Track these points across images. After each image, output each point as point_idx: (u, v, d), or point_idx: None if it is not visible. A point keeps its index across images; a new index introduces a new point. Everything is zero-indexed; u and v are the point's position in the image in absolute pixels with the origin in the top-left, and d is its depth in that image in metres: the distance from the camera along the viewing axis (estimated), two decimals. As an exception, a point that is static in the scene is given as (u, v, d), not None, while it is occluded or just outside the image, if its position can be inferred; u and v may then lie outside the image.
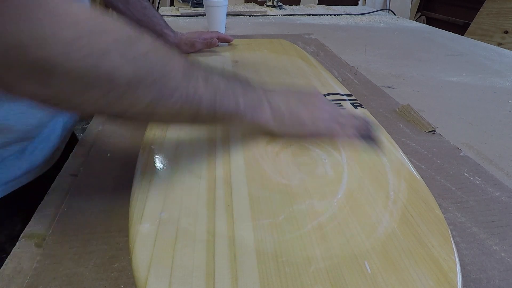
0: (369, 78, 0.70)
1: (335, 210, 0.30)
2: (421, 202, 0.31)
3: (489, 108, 0.59)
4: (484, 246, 0.31)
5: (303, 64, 0.67)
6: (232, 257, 0.25)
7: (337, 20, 1.28)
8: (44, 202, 0.34)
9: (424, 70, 0.76)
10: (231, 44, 0.80)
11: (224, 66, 0.65)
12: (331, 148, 0.38)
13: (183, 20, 1.18)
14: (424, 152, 0.45)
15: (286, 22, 1.23)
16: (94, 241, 0.30)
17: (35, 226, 0.31)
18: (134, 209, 0.29)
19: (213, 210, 0.29)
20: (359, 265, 0.25)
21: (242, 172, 0.34)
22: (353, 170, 0.35)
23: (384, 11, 1.53)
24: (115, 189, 0.36)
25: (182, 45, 0.72)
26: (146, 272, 0.24)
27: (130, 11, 0.65)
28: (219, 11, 0.93)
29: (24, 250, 0.29)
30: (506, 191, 0.38)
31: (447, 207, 0.35)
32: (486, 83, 0.70)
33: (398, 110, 0.55)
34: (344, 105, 0.50)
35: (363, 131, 0.40)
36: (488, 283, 0.28)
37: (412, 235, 0.27)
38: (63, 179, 0.38)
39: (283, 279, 0.24)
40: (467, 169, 0.42)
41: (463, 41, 1.04)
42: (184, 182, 0.32)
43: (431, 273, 0.24)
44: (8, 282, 0.26)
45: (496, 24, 1.61)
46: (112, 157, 0.41)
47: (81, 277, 0.27)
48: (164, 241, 0.26)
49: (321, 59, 0.80)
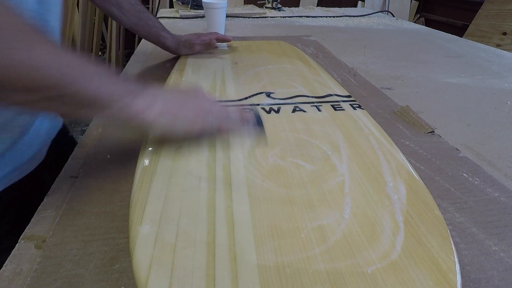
0: (368, 80, 0.70)
1: (335, 211, 0.30)
2: (420, 202, 0.31)
3: (487, 109, 0.59)
4: (483, 246, 0.31)
5: (302, 66, 0.67)
6: (232, 258, 0.25)
7: (336, 22, 1.28)
8: (44, 203, 0.34)
9: (423, 72, 0.76)
10: (231, 46, 0.80)
11: (223, 68, 0.65)
12: (331, 148, 0.38)
13: (182, 22, 1.18)
14: (423, 153, 0.45)
15: (285, 24, 1.23)
16: (94, 243, 0.30)
17: (35, 228, 0.31)
18: (134, 210, 0.29)
19: (213, 211, 0.29)
20: (359, 265, 0.25)
21: (242, 173, 0.34)
22: (352, 171, 0.35)
23: (383, 12, 1.53)
24: (115, 191, 0.36)
25: (180, 47, 0.72)
26: (147, 273, 0.24)
27: (125, 16, 0.65)
28: (219, 13, 0.93)
29: (24, 252, 0.29)
30: (505, 192, 0.38)
31: (446, 208, 0.35)
32: (484, 84, 0.70)
33: (397, 111, 0.55)
34: (343, 106, 0.50)
35: (247, 121, 0.41)
36: (487, 283, 0.28)
37: (412, 235, 0.28)
38: (63, 181, 0.38)
39: (283, 280, 0.24)
40: (466, 169, 0.42)
41: (462, 42, 1.04)
42: (184, 183, 0.33)
43: (431, 273, 0.24)
44: (8, 283, 0.26)
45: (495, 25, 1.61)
46: (112, 159, 0.41)
47: (81, 278, 0.27)
48: (164, 242, 0.26)
49: (320, 61, 0.80)
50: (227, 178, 0.33)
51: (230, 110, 0.41)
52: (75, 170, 0.39)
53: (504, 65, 0.83)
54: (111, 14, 0.65)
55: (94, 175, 0.39)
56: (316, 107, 0.49)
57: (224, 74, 0.62)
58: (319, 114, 0.48)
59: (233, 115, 0.41)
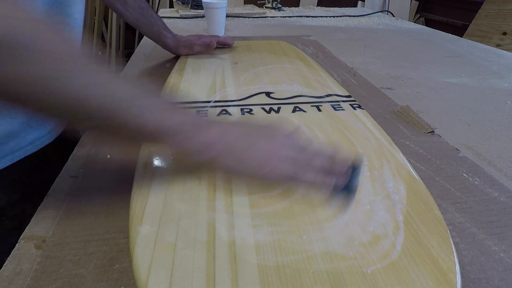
0: (368, 80, 0.70)
1: (335, 211, 0.30)
2: (420, 202, 0.31)
3: (487, 109, 0.59)
4: (483, 246, 0.31)
5: (302, 66, 0.67)
6: (232, 258, 0.25)
7: (336, 22, 1.28)
8: (44, 203, 0.34)
9: (423, 72, 0.76)
10: (231, 46, 0.80)
11: (223, 68, 0.65)
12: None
13: (182, 22, 1.18)
14: (423, 153, 0.45)
15: (285, 24, 1.23)
16: (94, 243, 0.30)
17: (35, 227, 0.31)
18: (135, 210, 0.29)
19: (213, 211, 0.29)
20: (359, 265, 0.25)
21: (242, 173, 0.34)
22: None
23: (383, 12, 1.53)
24: (115, 191, 0.36)
25: (180, 47, 0.72)
26: (147, 274, 0.24)
27: (128, 11, 0.66)
28: (219, 13, 0.93)
29: (24, 252, 0.29)
30: (505, 192, 0.38)
31: (446, 208, 0.35)
32: (484, 84, 0.70)
33: (397, 111, 0.55)
34: (343, 106, 0.50)
35: (336, 177, 0.31)
36: (487, 283, 0.28)
37: (412, 235, 0.28)
38: (63, 181, 0.38)
39: (283, 280, 0.24)
40: (466, 169, 0.42)
41: (462, 42, 1.04)
42: (184, 184, 0.33)
43: (431, 273, 0.24)
44: (8, 283, 0.26)
45: (495, 25, 1.61)
46: (112, 159, 0.41)
47: (81, 278, 0.27)
48: (164, 242, 0.26)
49: (320, 61, 0.80)
50: (227, 178, 0.33)
51: (317, 155, 0.32)
52: (75, 170, 0.39)
53: (504, 65, 0.83)
54: (115, 8, 0.66)
55: (94, 175, 0.39)
56: (316, 107, 0.49)
57: (224, 74, 0.62)
58: (319, 114, 0.48)
59: (318, 163, 0.32)
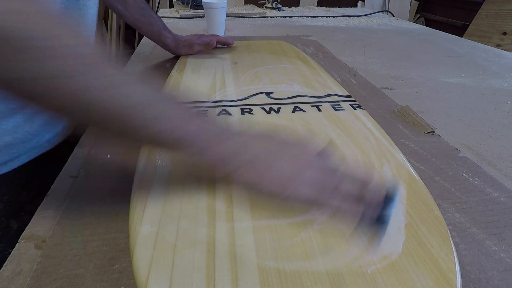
0: (368, 80, 0.70)
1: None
2: (420, 202, 0.31)
3: (487, 109, 0.59)
4: (483, 246, 0.31)
5: (302, 66, 0.67)
6: (232, 258, 0.25)
7: (336, 22, 1.28)
8: (44, 203, 0.34)
9: (423, 72, 0.76)
10: (231, 46, 0.80)
11: (223, 68, 0.65)
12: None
13: (182, 22, 1.18)
14: (423, 153, 0.45)
15: (285, 24, 1.23)
16: (94, 243, 0.30)
17: (35, 227, 0.31)
18: (135, 210, 0.29)
19: (213, 211, 0.29)
20: (359, 265, 0.25)
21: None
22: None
23: (383, 12, 1.53)
24: (115, 191, 0.36)
25: (180, 47, 0.72)
26: (147, 273, 0.24)
27: (128, 11, 0.66)
28: (219, 13, 0.93)
29: (24, 252, 0.29)
30: (505, 192, 0.38)
31: (446, 208, 0.35)
32: (484, 84, 0.70)
33: (397, 111, 0.55)
34: (343, 106, 0.50)
35: (365, 205, 0.28)
36: (487, 283, 0.28)
37: (412, 235, 0.28)
38: (63, 181, 0.38)
39: (283, 280, 0.24)
40: (466, 170, 0.42)
41: (462, 42, 1.04)
42: (184, 184, 0.33)
43: (431, 273, 0.24)
44: (7, 283, 0.26)
45: (495, 25, 1.61)
46: (112, 159, 0.41)
47: (81, 278, 0.27)
48: (164, 242, 0.26)
49: (320, 61, 0.80)
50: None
51: (346, 179, 0.29)
52: (75, 170, 0.39)
53: (504, 65, 0.83)
54: (115, 8, 0.66)
55: (94, 175, 0.39)
56: (316, 107, 0.49)
57: (224, 74, 0.62)
58: (319, 114, 0.48)
59: (346, 188, 0.28)
